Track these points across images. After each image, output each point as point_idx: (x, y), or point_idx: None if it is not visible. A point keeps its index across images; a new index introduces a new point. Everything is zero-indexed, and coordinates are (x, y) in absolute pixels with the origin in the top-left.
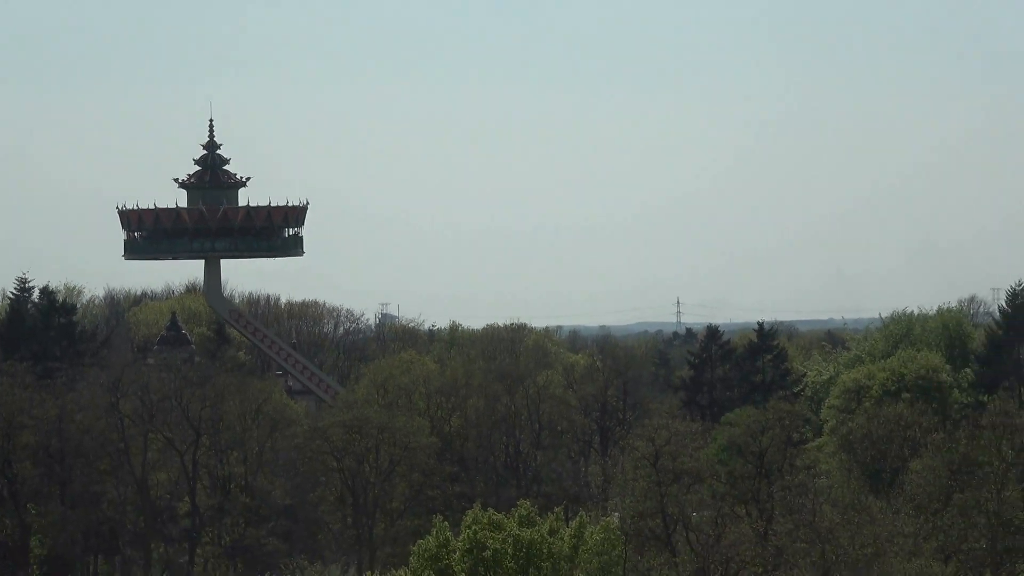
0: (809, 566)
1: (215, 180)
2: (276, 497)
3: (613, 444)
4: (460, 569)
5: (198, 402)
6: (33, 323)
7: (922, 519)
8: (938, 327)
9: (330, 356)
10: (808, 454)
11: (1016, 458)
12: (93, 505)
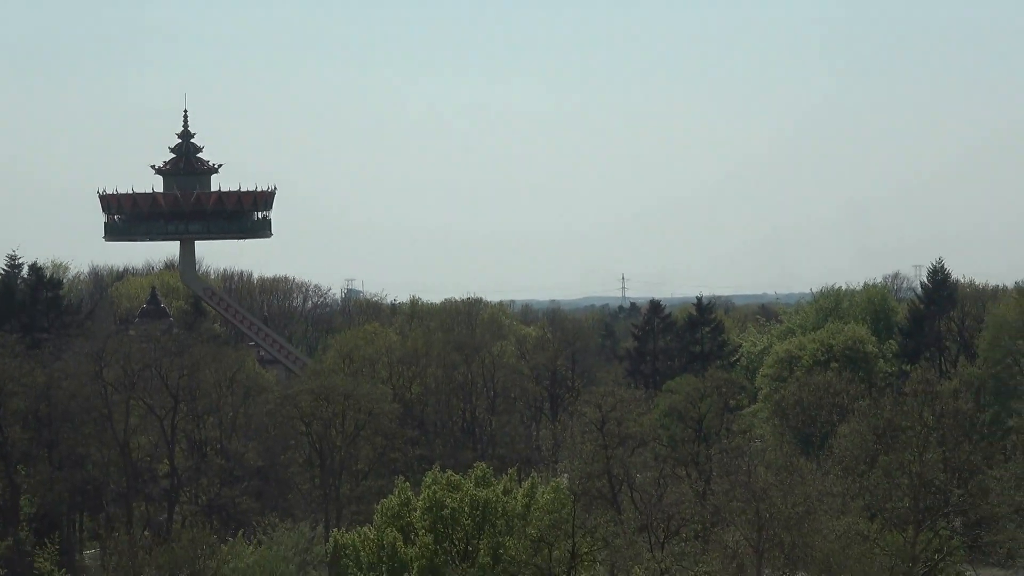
0: (745, 524)
1: (189, 167)
2: (249, 459)
3: (562, 410)
4: (420, 526)
5: (176, 371)
6: (22, 297)
7: (849, 480)
8: (864, 301)
9: (299, 328)
10: (743, 419)
11: (936, 423)
12: (78, 466)
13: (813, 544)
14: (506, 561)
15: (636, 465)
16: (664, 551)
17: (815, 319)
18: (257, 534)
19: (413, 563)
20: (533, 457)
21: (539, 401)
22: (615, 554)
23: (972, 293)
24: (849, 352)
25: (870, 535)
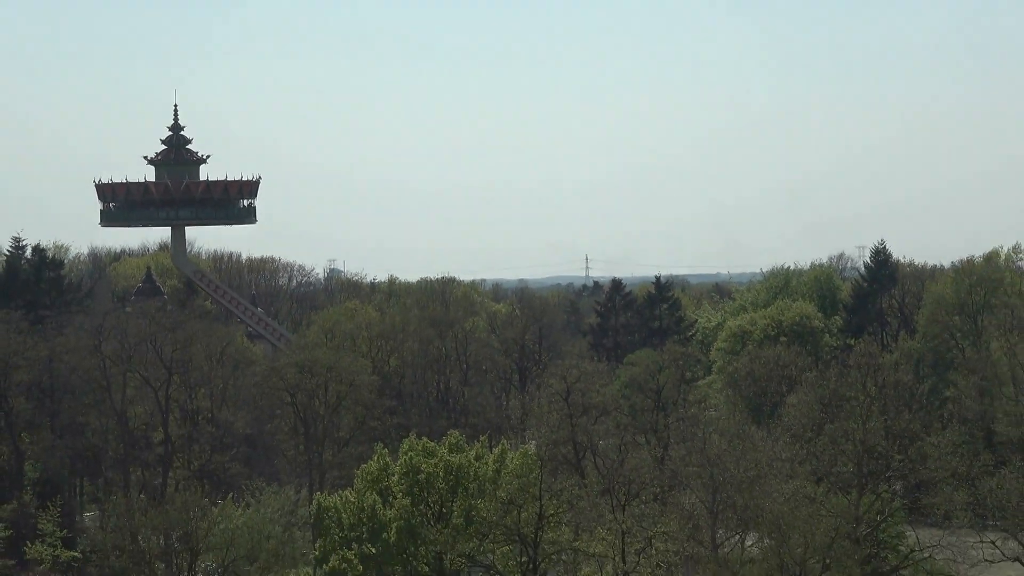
0: (700, 487)
1: (179, 158)
2: (238, 428)
3: (530, 381)
4: (398, 490)
5: (170, 345)
6: (26, 276)
7: (797, 446)
8: (811, 280)
9: (285, 305)
10: (699, 390)
11: (878, 393)
12: (79, 434)
13: (763, 506)
14: (478, 522)
15: (599, 433)
16: (625, 513)
17: (765, 297)
18: (245, 497)
19: (391, 524)
20: (503, 425)
21: (508, 373)
22: (579, 515)
23: (912, 272)
24: (797, 328)
25: (817, 498)
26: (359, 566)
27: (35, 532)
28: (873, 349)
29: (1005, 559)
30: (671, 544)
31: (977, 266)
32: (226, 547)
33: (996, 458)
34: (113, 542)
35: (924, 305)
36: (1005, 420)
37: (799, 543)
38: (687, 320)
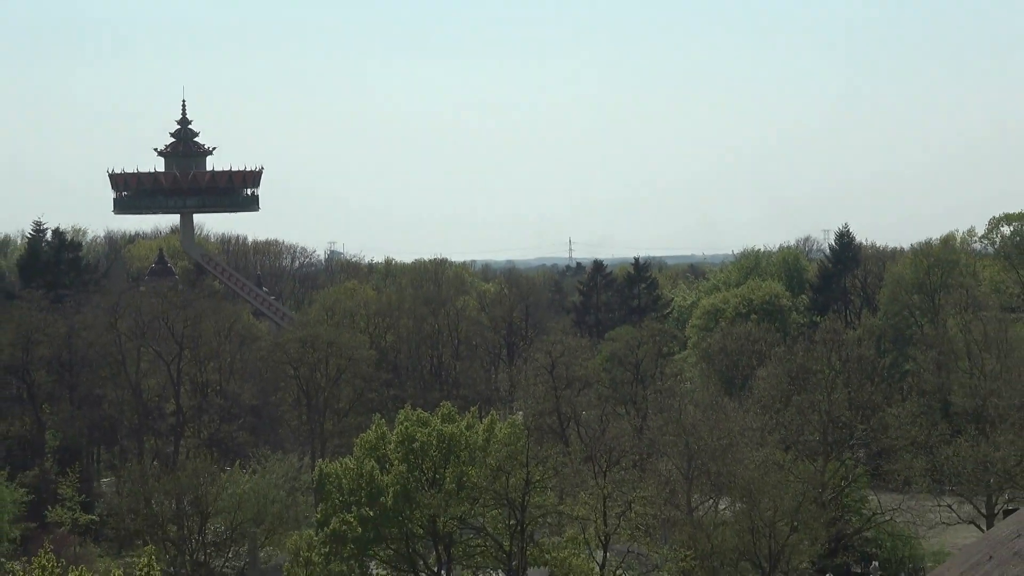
0: (676, 455)
1: (187, 149)
2: (245, 399)
3: (518, 356)
4: (395, 457)
5: (181, 322)
6: (47, 258)
7: (767, 416)
8: (780, 261)
9: (288, 285)
10: (675, 364)
11: (842, 367)
12: (96, 405)
13: (735, 472)
14: (469, 487)
15: (581, 404)
16: (606, 478)
17: (737, 277)
18: (252, 464)
19: (388, 489)
20: (492, 397)
21: (497, 348)
22: (564, 481)
23: (873, 254)
24: (766, 306)
25: (785, 464)
26: (358, 528)
27: (55, 497)
28: (837, 326)
29: (961, 522)
30: (649, 508)
31: (934, 248)
32: (234, 510)
33: (952, 428)
34: (128, 506)
35: (885, 285)
36: (960, 392)
37: (769, 507)
38: (664, 299)
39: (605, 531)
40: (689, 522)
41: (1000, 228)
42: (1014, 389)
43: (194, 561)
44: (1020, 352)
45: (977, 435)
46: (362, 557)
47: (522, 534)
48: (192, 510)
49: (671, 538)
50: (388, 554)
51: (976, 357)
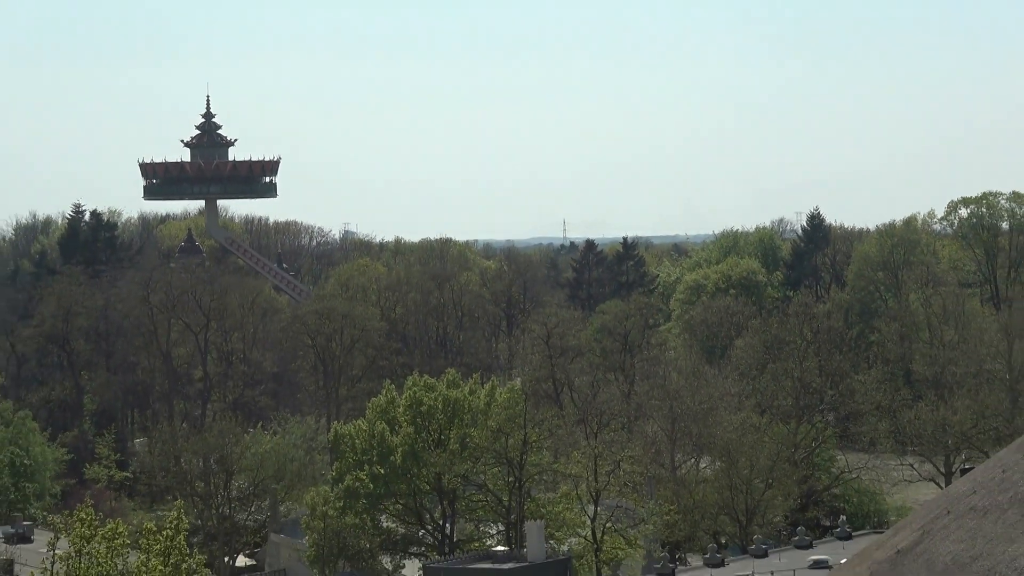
0: (661, 417)
1: (211, 141)
2: (266, 366)
3: (516, 327)
4: (403, 419)
5: (208, 296)
6: (85, 237)
7: (744, 382)
8: (756, 241)
9: (306, 262)
10: (660, 335)
11: (813, 338)
12: (130, 372)
13: (715, 434)
14: (471, 447)
15: (574, 371)
16: (597, 439)
17: (717, 255)
18: (273, 426)
19: (397, 449)
20: (493, 364)
21: (497, 320)
22: (558, 441)
23: (842, 234)
24: (744, 281)
25: (760, 427)
26: (370, 484)
27: (93, 456)
28: (809, 300)
29: (921, 479)
30: (636, 466)
31: (898, 229)
32: (256, 468)
33: (914, 393)
34: (159, 464)
35: (852, 262)
36: (921, 361)
37: (746, 465)
38: (650, 275)
39: (596, 487)
40: (673, 479)
41: (958, 211)
42: (970, 358)
43: (220, 515)
44: (976, 324)
45: (936, 400)
46: (373, 511)
47: (520, 490)
48: (218, 468)
49: (656, 494)
50: (397, 508)
51: (935, 329)
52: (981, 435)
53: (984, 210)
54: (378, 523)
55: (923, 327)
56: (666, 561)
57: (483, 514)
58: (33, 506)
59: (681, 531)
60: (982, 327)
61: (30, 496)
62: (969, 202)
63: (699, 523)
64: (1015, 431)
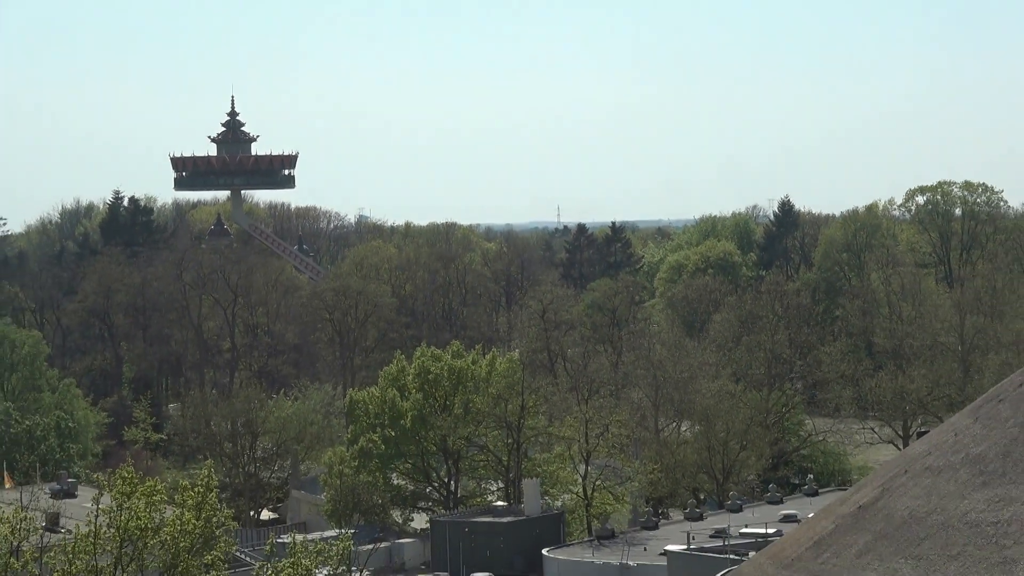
0: (646, 385)
1: (235, 137)
2: (288, 338)
3: (514, 303)
4: (412, 387)
5: (235, 274)
6: (124, 221)
7: (721, 354)
8: (732, 225)
9: (324, 244)
10: (645, 310)
11: (784, 313)
12: (165, 343)
13: (695, 400)
14: (474, 412)
15: (567, 343)
16: (587, 405)
17: (697, 238)
18: (294, 392)
19: (407, 413)
20: (493, 337)
21: (497, 296)
22: (552, 407)
23: (810, 219)
24: (721, 262)
25: (736, 394)
26: (382, 445)
27: (131, 419)
28: (780, 279)
29: (881, 442)
30: (623, 429)
31: (861, 215)
32: (279, 430)
33: (874, 363)
34: (191, 427)
35: (819, 245)
36: (882, 334)
37: (722, 429)
38: (636, 256)
39: (587, 448)
40: (656, 441)
41: (915, 198)
42: (925, 331)
43: (246, 473)
44: (931, 301)
45: (895, 370)
46: (385, 470)
47: (518, 451)
48: (244, 430)
49: (641, 454)
50: (407, 467)
51: (894, 305)
52: (935, 402)
53: (939, 198)
54: (389, 481)
55: (883, 304)
56: (650, 515)
57: (484, 472)
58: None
59: (664, 488)
60: (936, 304)
61: (74, 456)
62: (925, 190)
63: (680, 481)
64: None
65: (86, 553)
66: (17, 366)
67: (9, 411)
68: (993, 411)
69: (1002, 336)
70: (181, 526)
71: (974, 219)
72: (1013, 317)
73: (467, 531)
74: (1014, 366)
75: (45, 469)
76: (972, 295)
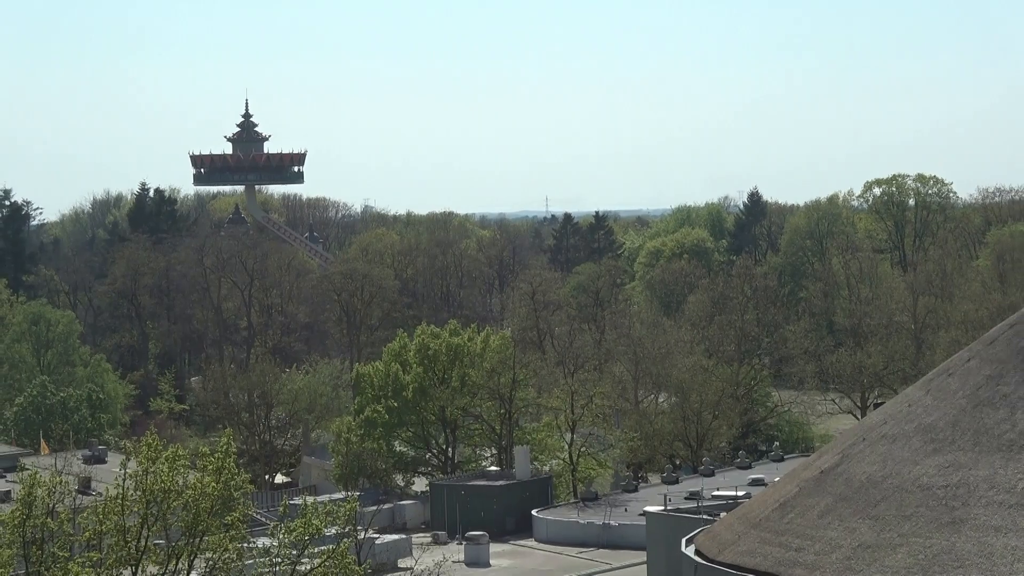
0: (626, 360)
1: (249, 136)
2: (300, 317)
3: (506, 285)
4: (413, 361)
5: (252, 259)
6: (150, 210)
7: (695, 331)
8: (706, 214)
9: (333, 231)
10: (626, 292)
11: (752, 294)
12: (187, 322)
13: (671, 374)
14: (470, 385)
15: (554, 322)
16: (573, 378)
17: (673, 226)
18: (305, 367)
19: (408, 386)
20: (487, 316)
21: (491, 279)
22: (541, 380)
23: (776, 209)
24: (695, 248)
25: (709, 368)
26: (385, 415)
27: (156, 391)
28: (749, 263)
29: (841, 412)
30: (606, 400)
31: (823, 205)
32: (291, 402)
33: (835, 340)
34: (211, 399)
35: (785, 232)
36: (841, 314)
37: (696, 400)
38: (618, 243)
39: (572, 418)
40: (636, 412)
41: (872, 189)
42: (881, 311)
43: (261, 440)
44: (887, 283)
45: (854, 346)
46: (388, 438)
47: (510, 420)
48: (260, 401)
49: (622, 424)
50: (408, 435)
51: (853, 287)
52: (891, 375)
53: (894, 189)
54: (392, 447)
55: (843, 286)
56: (630, 479)
57: (479, 440)
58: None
59: (642, 454)
60: (892, 286)
61: (104, 425)
62: (881, 183)
63: (657, 448)
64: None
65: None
66: (52, 343)
67: (45, 384)
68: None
69: (951, 315)
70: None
71: (926, 209)
72: (961, 298)
73: (463, 493)
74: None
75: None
76: (924, 278)
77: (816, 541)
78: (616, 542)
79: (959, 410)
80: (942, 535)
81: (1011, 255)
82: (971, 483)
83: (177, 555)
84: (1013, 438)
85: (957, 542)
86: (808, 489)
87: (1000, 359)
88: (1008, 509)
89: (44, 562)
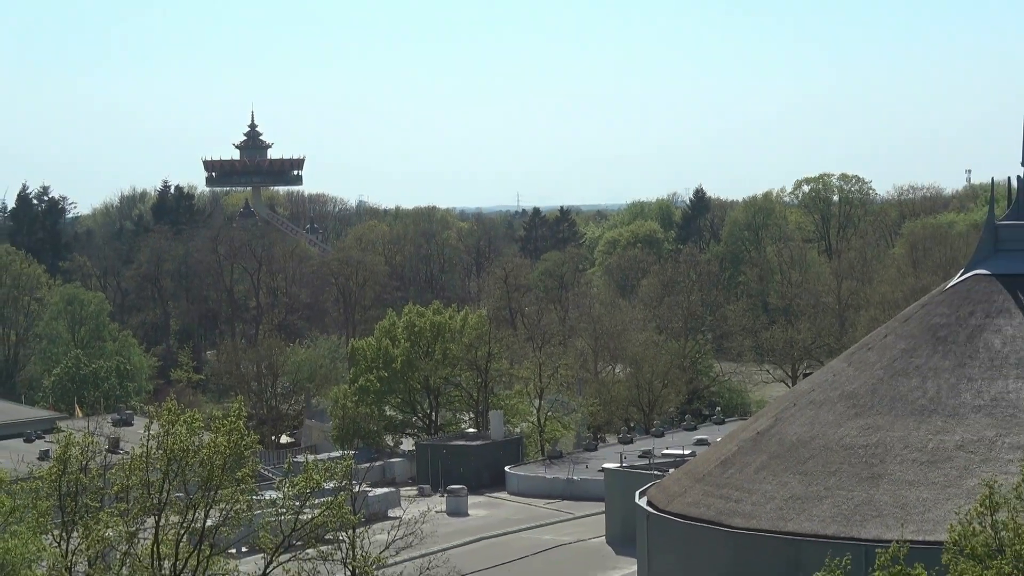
0: (587, 336)
1: (254, 143)
2: (302, 299)
3: (483, 271)
4: (402, 337)
5: (260, 247)
6: (171, 205)
7: (647, 311)
8: (657, 208)
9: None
10: (587, 277)
11: (697, 278)
12: (203, 302)
13: (626, 348)
14: (451, 357)
15: (524, 302)
16: (541, 352)
17: (628, 218)
18: (307, 342)
19: (397, 358)
20: (466, 297)
21: (469, 265)
22: (513, 353)
23: (718, 203)
24: (647, 238)
25: (659, 343)
26: (377, 384)
27: (176, 363)
28: (695, 252)
29: (775, 381)
30: (569, 371)
31: (759, 200)
32: (295, 372)
33: (769, 319)
34: (224, 369)
35: (726, 224)
36: (775, 295)
37: (648, 371)
38: (580, 233)
39: (540, 386)
40: (595, 381)
41: (802, 187)
42: (810, 293)
43: (268, 405)
44: (814, 269)
45: (786, 324)
46: (379, 404)
47: (486, 388)
48: (267, 372)
49: (584, 391)
50: (397, 402)
51: (785, 272)
52: (818, 349)
53: (820, 187)
54: (383, 412)
55: (776, 271)
56: (590, 440)
57: (459, 405)
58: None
59: (601, 418)
60: (818, 271)
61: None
62: (810, 181)
63: (614, 412)
64: (842, 346)
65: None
66: (85, 321)
67: (79, 357)
68: (863, 357)
69: (871, 297)
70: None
71: (848, 204)
72: (879, 282)
73: (445, 452)
74: (880, 321)
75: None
76: (847, 264)
77: (752, 493)
78: (578, 494)
79: (877, 379)
80: (862, 488)
81: (923, 244)
82: (888, 443)
83: (195, 506)
84: (924, 404)
85: (876, 494)
86: (746, 448)
87: (913, 335)
88: (920, 466)
89: (78, 512)
